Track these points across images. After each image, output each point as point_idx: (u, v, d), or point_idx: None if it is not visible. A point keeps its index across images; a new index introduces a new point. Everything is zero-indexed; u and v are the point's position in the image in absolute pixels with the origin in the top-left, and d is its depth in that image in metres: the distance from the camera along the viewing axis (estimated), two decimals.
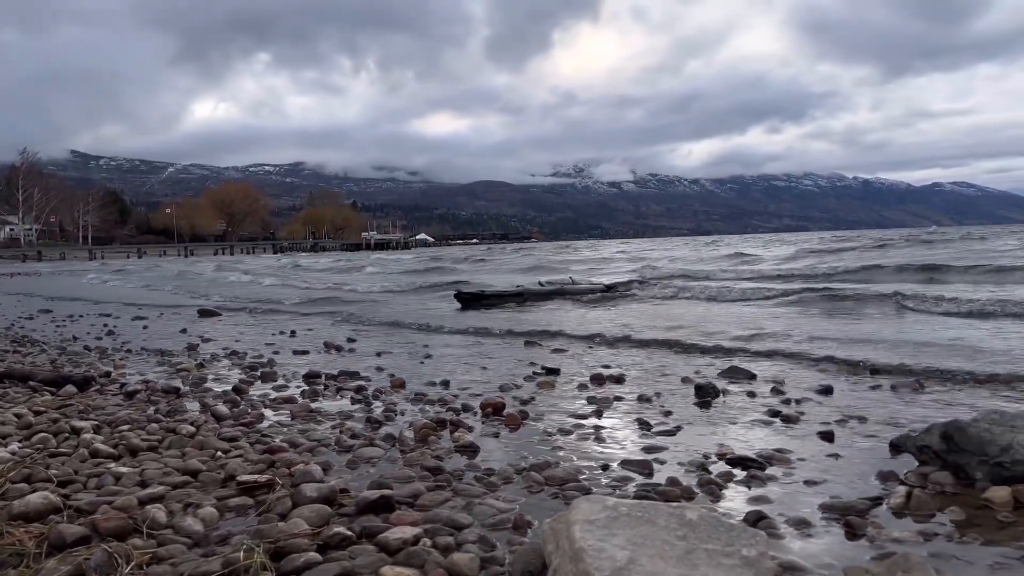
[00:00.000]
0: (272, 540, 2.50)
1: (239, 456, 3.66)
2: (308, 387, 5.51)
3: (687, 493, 3.06)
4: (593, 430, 4.19)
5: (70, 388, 5.39)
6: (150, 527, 2.70)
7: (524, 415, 4.53)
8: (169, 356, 7.55)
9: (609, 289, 14.35)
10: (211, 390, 5.53)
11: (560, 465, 3.47)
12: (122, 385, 5.69)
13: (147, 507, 2.87)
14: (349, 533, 2.58)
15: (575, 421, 4.41)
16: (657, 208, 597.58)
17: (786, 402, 4.77)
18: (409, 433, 4.01)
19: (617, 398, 5.04)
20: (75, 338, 9.57)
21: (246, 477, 3.24)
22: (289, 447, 3.81)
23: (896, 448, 3.59)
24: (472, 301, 13.35)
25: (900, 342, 6.99)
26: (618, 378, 5.76)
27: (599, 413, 4.61)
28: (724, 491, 3.10)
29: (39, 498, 2.87)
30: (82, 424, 4.25)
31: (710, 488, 3.10)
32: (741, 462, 3.44)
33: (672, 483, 3.16)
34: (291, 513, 2.77)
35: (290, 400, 5.03)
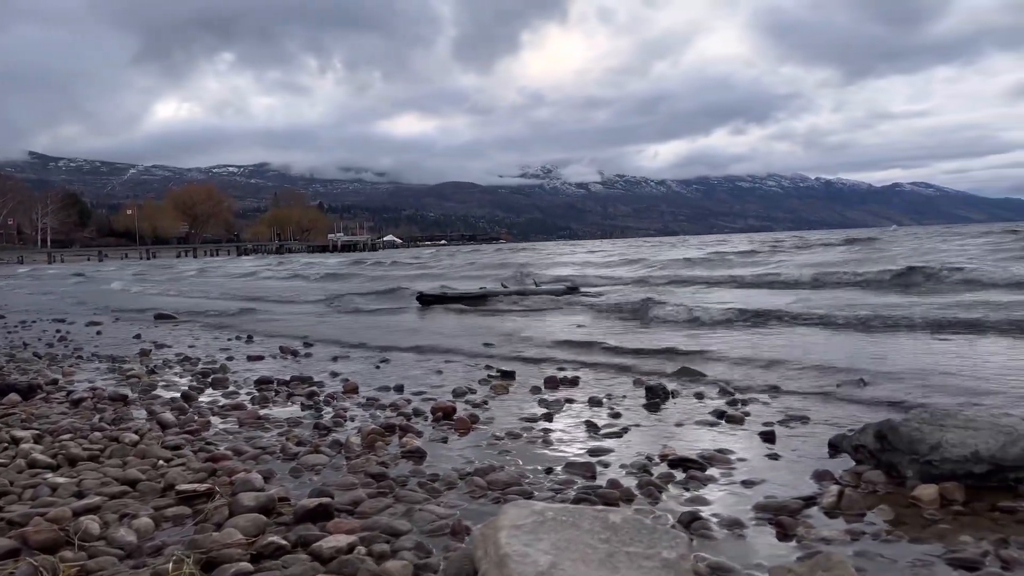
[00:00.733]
0: (204, 550, 2.48)
1: (181, 465, 3.62)
2: (259, 393, 5.45)
3: (626, 495, 3.09)
4: (542, 433, 4.21)
5: (13, 396, 5.28)
6: (82, 539, 2.67)
7: (475, 419, 4.54)
8: (121, 362, 7.43)
9: (572, 290, 14.42)
10: (160, 397, 5.46)
11: (505, 469, 3.49)
12: (69, 393, 5.60)
13: (81, 518, 2.83)
14: (284, 542, 2.57)
15: (525, 424, 4.43)
16: (625, 209, 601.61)
17: (732, 403, 4.83)
18: (356, 439, 4.00)
19: (569, 400, 5.08)
20: (25, 344, 9.37)
21: (185, 486, 3.21)
22: (233, 455, 3.77)
23: (834, 448, 3.66)
24: (434, 302, 13.33)
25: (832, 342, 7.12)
26: (572, 380, 5.79)
27: (549, 416, 4.63)
28: (663, 493, 3.14)
29: None
30: (23, 434, 4.17)
31: (649, 490, 3.14)
32: (682, 463, 3.48)
33: (613, 485, 3.19)
34: (226, 522, 2.75)
35: (239, 407, 4.98)
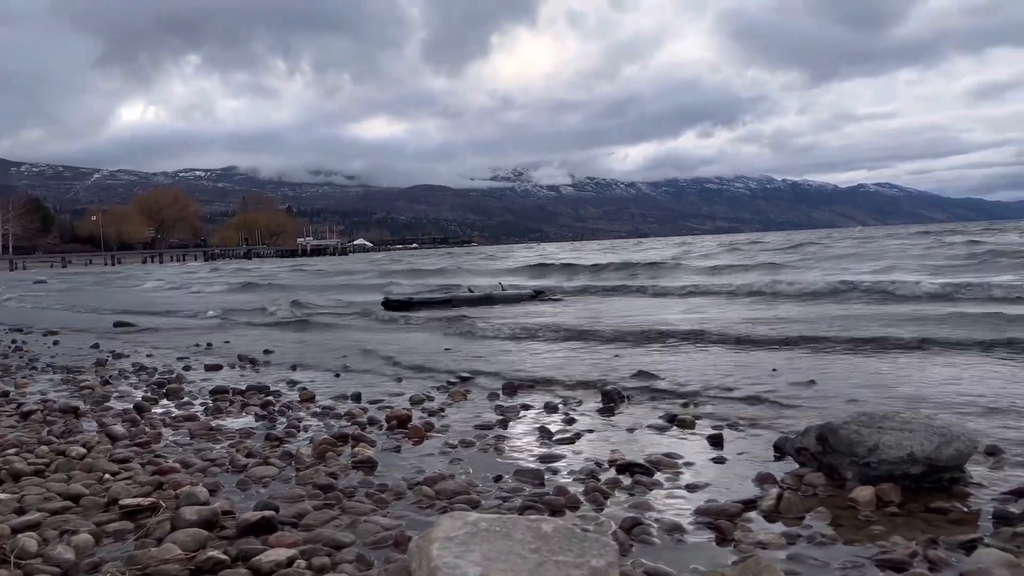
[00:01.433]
0: (141, 567, 2.46)
1: (127, 478, 3.58)
2: (213, 404, 5.41)
3: (572, 502, 3.12)
4: (495, 440, 4.22)
5: None
6: (19, 556, 2.63)
7: (429, 427, 4.55)
8: (76, 373, 7.31)
9: (537, 294, 14.46)
10: (112, 409, 5.38)
11: (454, 478, 3.50)
12: (19, 405, 5.50)
13: (19, 536, 2.79)
14: (224, 557, 2.55)
15: (479, 432, 4.44)
16: (595, 211, 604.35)
17: (685, 405, 4.90)
18: (307, 450, 3.98)
19: (525, 407, 5.10)
20: None
21: (129, 501, 3.18)
22: (182, 467, 3.74)
23: (779, 450, 3.73)
24: (400, 308, 13.29)
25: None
26: (530, 385, 5.82)
27: (504, 423, 4.65)
28: (608, 499, 3.17)
29: None
30: None
31: (595, 496, 3.17)
32: (630, 468, 3.52)
33: (559, 492, 3.21)
34: (167, 537, 2.73)
35: (191, 418, 4.93)
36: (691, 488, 3.28)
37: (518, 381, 5.93)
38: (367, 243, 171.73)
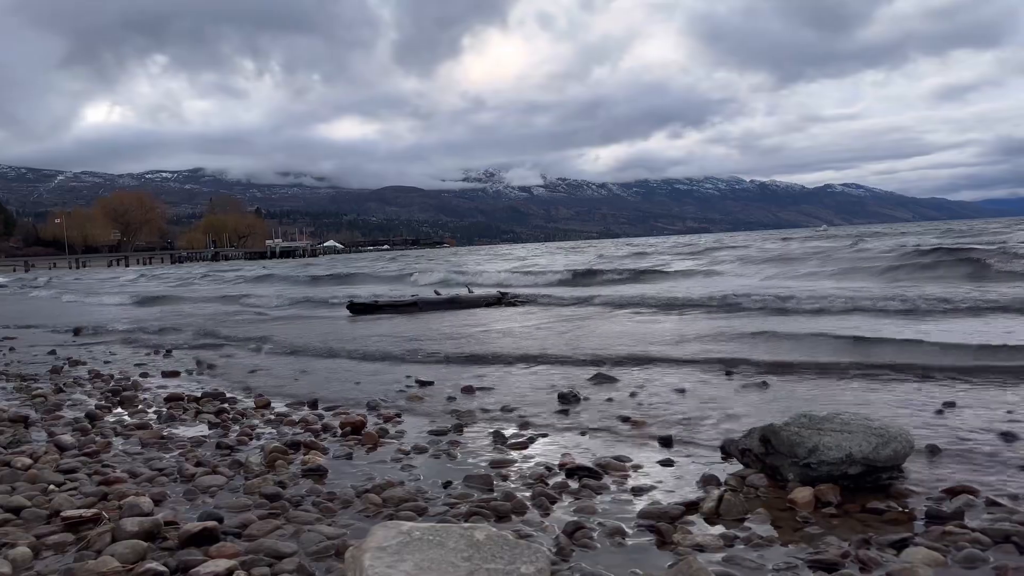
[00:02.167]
0: None
1: (72, 489, 3.54)
2: (167, 411, 5.35)
3: (518, 507, 3.13)
4: (448, 445, 4.23)
5: None
6: None
7: (384, 432, 4.55)
8: (31, 380, 7.19)
9: (503, 297, 14.49)
10: (63, 417, 5.30)
11: (404, 485, 3.50)
12: None
13: None
14: (162, 569, 2.54)
15: (433, 437, 4.45)
16: (567, 212, 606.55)
17: (639, 406, 4.95)
18: (256, 458, 3.96)
19: (482, 410, 5.12)
20: None
21: (71, 512, 3.13)
22: (129, 477, 3.70)
23: (725, 452, 3.78)
24: (365, 311, 13.24)
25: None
26: (488, 388, 5.84)
27: (459, 427, 4.66)
28: (555, 503, 3.20)
29: None
30: None
31: (541, 500, 3.19)
32: (579, 472, 3.55)
33: (507, 498, 3.23)
34: (106, 549, 2.70)
35: (143, 426, 4.87)
36: (637, 491, 3.32)
37: (476, 386, 5.94)
38: (337, 244, 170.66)
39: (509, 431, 4.49)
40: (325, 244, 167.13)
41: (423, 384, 6.14)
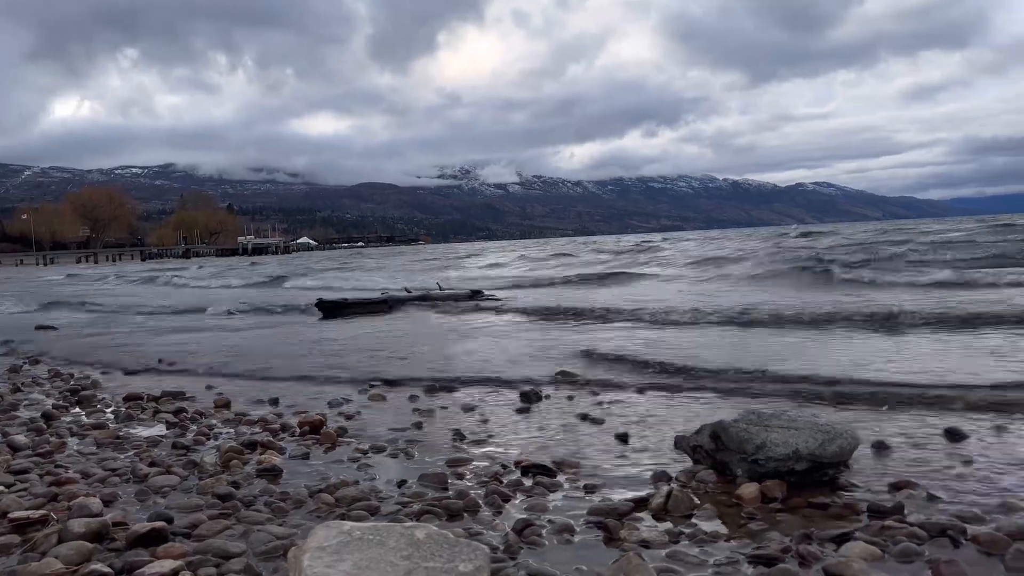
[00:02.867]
0: None
1: (23, 490, 3.50)
2: (125, 411, 5.30)
3: (471, 506, 3.15)
4: (407, 444, 4.24)
5: None
6: None
7: (342, 432, 4.54)
8: None
9: (475, 295, 14.50)
10: (19, 417, 5.23)
11: (358, 484, 3.51)
12: None
13: None
14: (107, 570, 2.52)
15: (393, 435, 4.46)
16: (543, 209, 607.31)
17: (599, 404, 4.99)
18: (212, 458, 3.94)
19: (443, 408, 5.14)
20: None
21: (19, 514, 3.10)
22: (81, 478, 3.67)
23: (678, 448, 3.83)
24: (334, 309, 13.17)
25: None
26: (449, 387, 5.85)
27: (419, 425, 4.67)
28: (508, 501, 3.23)
29: None
30: None
31: (494, 499, 3.22)
32: (533, 469, 3.58)
33: (460, 496, 3.25)
34: (51, 551, 2.68)
35: (100, 426, 4.82)
36: (589, 488, 3.35)
37: (440, 383, 5.96)
38: (311, 241, 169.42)
39: (469, 428, 4.50)
40: (299, 241, 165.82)
41: (387, 383, 6.13)
